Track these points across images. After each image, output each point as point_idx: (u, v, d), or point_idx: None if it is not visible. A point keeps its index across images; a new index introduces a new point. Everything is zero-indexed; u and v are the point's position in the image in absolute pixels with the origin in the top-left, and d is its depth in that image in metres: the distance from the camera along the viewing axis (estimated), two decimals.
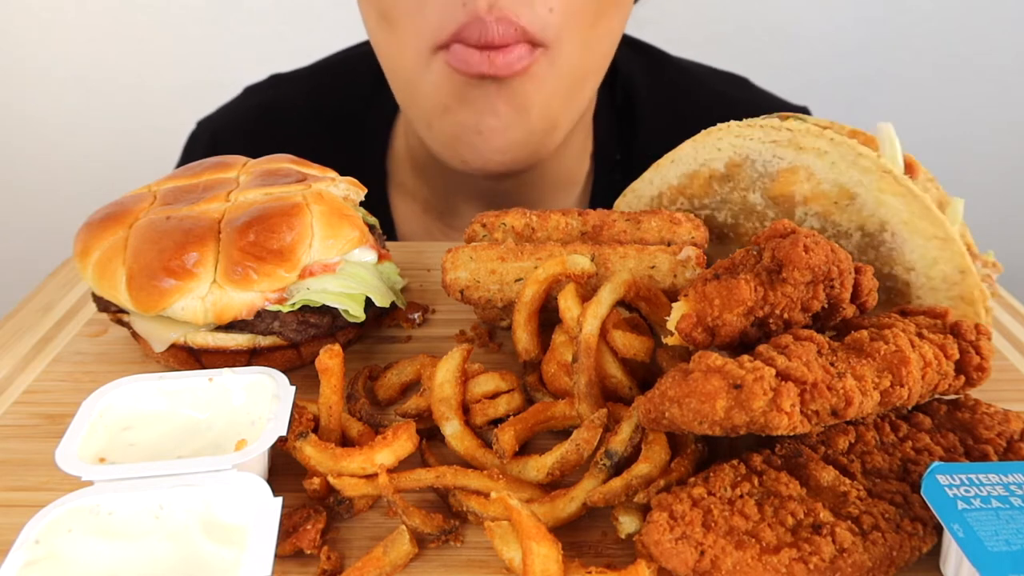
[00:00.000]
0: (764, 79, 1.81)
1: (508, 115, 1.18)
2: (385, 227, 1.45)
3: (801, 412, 0.70)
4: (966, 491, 0.70)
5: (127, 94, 2.92)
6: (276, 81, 1.70)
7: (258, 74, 1.81)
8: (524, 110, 1.19)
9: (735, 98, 1.63)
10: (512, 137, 1.20)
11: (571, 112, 1.29)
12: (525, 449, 0.87)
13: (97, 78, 2.91)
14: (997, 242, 1.31)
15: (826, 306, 0.82)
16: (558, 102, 1.23)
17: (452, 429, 0.87)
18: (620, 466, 0.79)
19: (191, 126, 1.82)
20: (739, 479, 0.74)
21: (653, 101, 1.55)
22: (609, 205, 1.41)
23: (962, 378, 0.80)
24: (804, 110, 1.68)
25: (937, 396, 0.82)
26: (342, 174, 1.29)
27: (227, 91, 1.84)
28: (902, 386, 0.74)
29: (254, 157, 1.51)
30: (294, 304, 1.00)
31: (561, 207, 1.44)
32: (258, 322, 1.00)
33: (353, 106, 1.58)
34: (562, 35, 1.18)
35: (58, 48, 2.87)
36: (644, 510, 0.75)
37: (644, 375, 0.92)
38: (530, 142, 1.23)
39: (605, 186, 1.51)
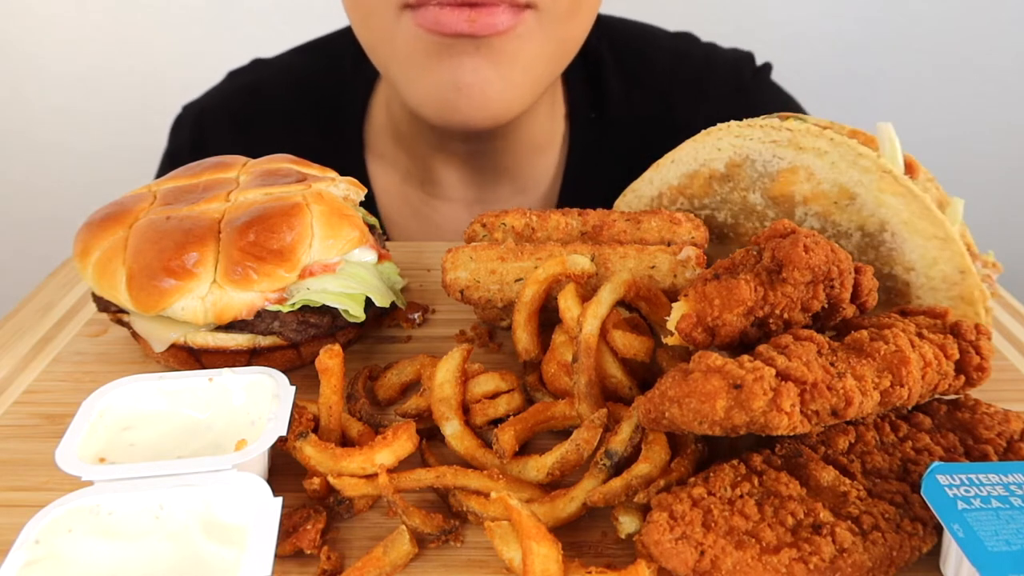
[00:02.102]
0: None
1: (488, 72, 1.16)
2: (366, 203, 1.48)
3: (801, 412, 0.70)
4: (966, 491, 0.70)
5: (127, 94, 2.93)
6: (258, 64, 1.72)
7: None
8: (506, 65, 1.17)
9: (686, 52, 1.65)
10: (492, 94, 1.18)
11: (552, 75, 1.29)
12: (525, 449, 0.87)
13: (97, 77, 2.91)
14: (997, 242, 1.31)
15: (826, 306, 0.82)
16: (542, 63, 1.22)
17: (452, 429, 0.87)
18: (620, 466, 0.79)
19: None
20: (739, 479, 0.74)
21: (615, 64, 1.57)
22: (586, 166, 1.48)
23: (962, 378, 0.80)
24: (750, 56, 1.68)
25: (937, 396, 0.82)
26: (321, 147, 1.32)
27: None
28: (902, 386, 0.74)
29: (238, 135, 1.56)
30: (294, 304, 1.00)
31: (540, 170, 1.50)
32: (258, 322, 1.00)
33: (332, 82, 1.59)
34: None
35: (58, 48, 2.87)
36: (644, 510, 0.75)
37: (644, 375, 0.92)
38: (511, 97, 1.21)
39: (581, 147, 1.50)
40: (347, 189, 1.13)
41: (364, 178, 1.54)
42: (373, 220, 1.18)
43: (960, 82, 2.83)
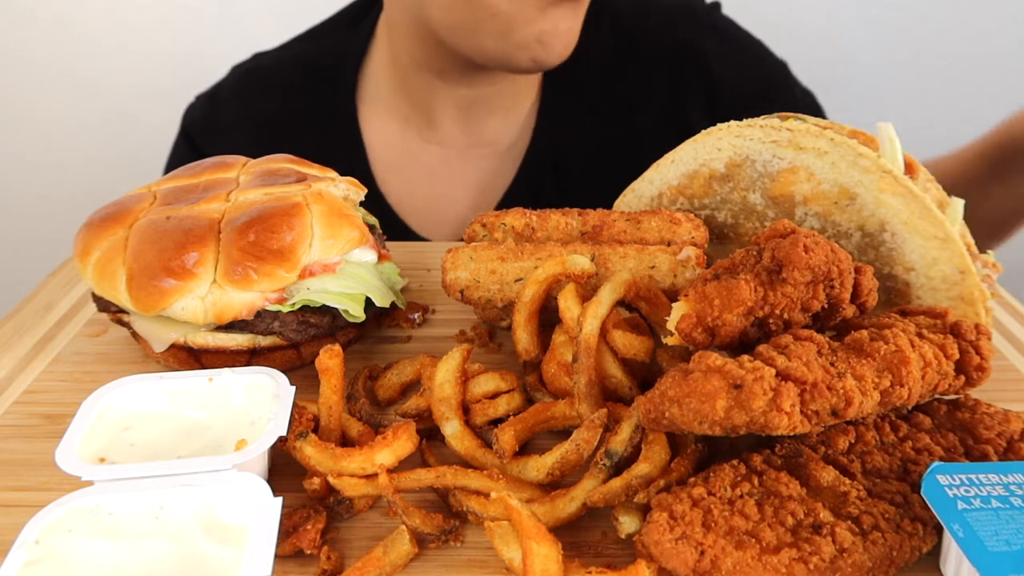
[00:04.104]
0: None
1: (575, 22, 1.46)
2: (356, 155, 1.69)
3: (801, 412, 0.70)
4: (966, 491, 0.70)
5: (128, 94, 2.92)
6: (258, 54, 1.91)
7: None
8: (581, 17, 1.47)
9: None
10: (575, 36, 1.48)
11: None
12: (525, 449, 0.87)
13: (97, 78, 2.91)
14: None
15: (826, 306, 0.82)
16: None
17: (452, 429, 0.87)
18: (620, 466, 0.79)
19: None
20: (739, 479, 0.74)
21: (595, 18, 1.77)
22: (558, 96, 1.70)
23: (962, 378, 0.80)
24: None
25: (937, 396, 0.82)
26: (317, 108, 1.68)
27: None
28: (902, 386, 0.74)
29: (243, 108, 1.76)
30: (294, 304, 1.00)
31: (523, 110, 1.71)
32: (258, 322, 1.00)
33: (325, 53, 1.78)
34: None
35: (58, 48, 2.87)
36: (644, 510, 0.75)
37: (644, 375, 0.92)
38: (577, 36, 1.49)
39: (553, 78, 1.70)
40: (347, 189, 1.13)
41: (355, 130, 1.72)
42: (373, 220, 1.18)
43: (960, 82, 2.83)
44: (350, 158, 1.70)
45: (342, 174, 1.17)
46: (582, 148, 1.68)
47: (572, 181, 1.67)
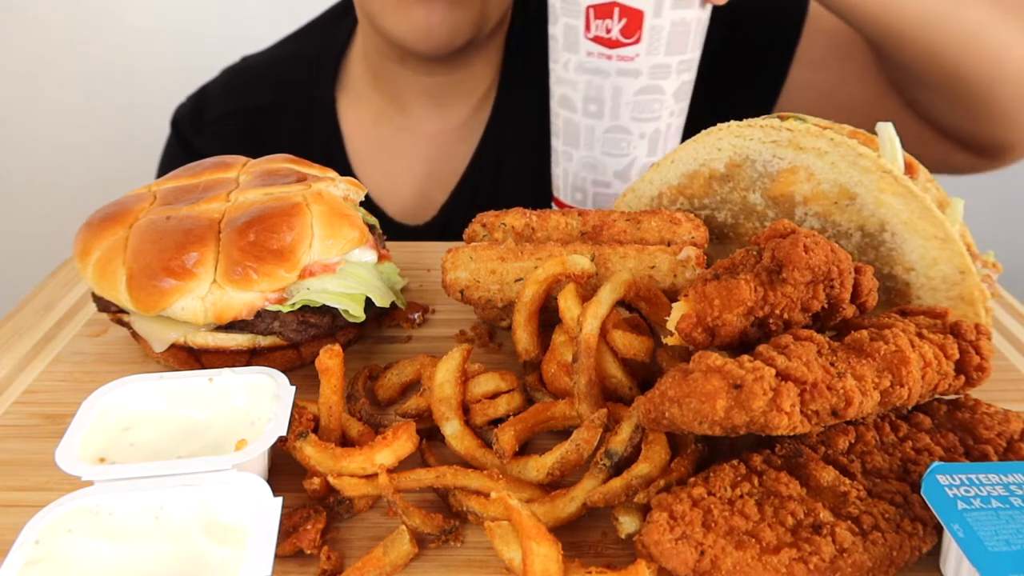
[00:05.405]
0: None
1: (449, 13, 1.49)
2: (335, 143, 1.75)
3: (801, 412, 0.70)
4: (966, 491, 0.70)
5: (128, 94, 2.93)
6: (246, 57, 1.97)
7: None
8: (461, 7, 1.50)
9: None
10: (457, 27, 1.52)
11: (502, 6, 1.62)
12: (525, 449, 0.87)
13: (98, 78, 2.91)
14: (997, 242, 1.31)
15: (826, 306, 0.82)
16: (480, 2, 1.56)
17: (452, 429, 0.87)
18: (620, 466, 0.79)
19: None
20: (739, 479, 0.74)
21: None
22: (516, 59, 1.73)
23: (962, 378, 0.80)
24: None
25: (937, 396, 0.82)
26: (301, 100, 1.74)
27: None
28: (902, 386, 0.74)
29: (228, 102, 1.82)
30: (294, 304, 1.00)
31: (487, 92, 1.76)
32: (258, 322, 1.00)
33: (310, 49, 1.86)
34: None
35: (59, 48, 2.87)
36: (644, 510, 0.75)
37: (644, 375, 0.92)
38: (468, 30, 1.54)
39: (509, 73, 1.76)
40: (347, 189, 1.13)
41: (334, 120, 1.79)
42: (373, 220, 1.18)
43: None
44: (328, 146, 1.75)
45: (320, 161, 1.19)
46: (537, 124, 1.70)
47: (529, 156, 1.71)
